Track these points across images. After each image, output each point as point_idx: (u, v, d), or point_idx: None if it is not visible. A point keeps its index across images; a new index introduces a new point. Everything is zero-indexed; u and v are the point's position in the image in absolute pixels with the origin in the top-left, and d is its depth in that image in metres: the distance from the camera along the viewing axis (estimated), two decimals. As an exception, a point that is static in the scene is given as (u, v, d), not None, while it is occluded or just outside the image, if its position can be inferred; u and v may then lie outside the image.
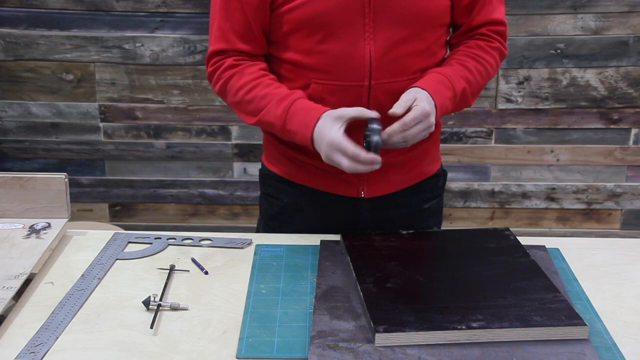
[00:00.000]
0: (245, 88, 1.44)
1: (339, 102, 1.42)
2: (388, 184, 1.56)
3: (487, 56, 1.50)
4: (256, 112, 1.43)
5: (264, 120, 1.43)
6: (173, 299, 1.25)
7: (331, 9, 1.38)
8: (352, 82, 1.43)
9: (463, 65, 1.47)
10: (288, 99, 1.40)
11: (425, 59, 1.47)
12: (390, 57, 1.42)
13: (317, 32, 1.41)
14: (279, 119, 1.39)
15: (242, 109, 1.46)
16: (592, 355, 1.09)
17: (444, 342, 1.11)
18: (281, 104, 1.40)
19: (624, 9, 2.77)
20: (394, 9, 1.39)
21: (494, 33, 1.52)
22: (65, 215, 1.47)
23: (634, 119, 2.91)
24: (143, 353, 1.11)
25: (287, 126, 1.39)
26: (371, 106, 1.44)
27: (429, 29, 1.45)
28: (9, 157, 2.99)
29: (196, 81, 2.87)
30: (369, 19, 1.39)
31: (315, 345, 1.10)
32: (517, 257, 1.35)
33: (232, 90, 1.46)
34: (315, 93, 1.44)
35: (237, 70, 1.45)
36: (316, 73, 1.44)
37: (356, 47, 1.41)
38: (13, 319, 1.19)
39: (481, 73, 1.49)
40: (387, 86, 1.44)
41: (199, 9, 2.79)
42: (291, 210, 1.61)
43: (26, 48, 2.83)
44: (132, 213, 3.07)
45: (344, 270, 1.33)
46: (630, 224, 3.06)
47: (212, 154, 2.98)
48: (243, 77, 1.44)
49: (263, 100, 1.42)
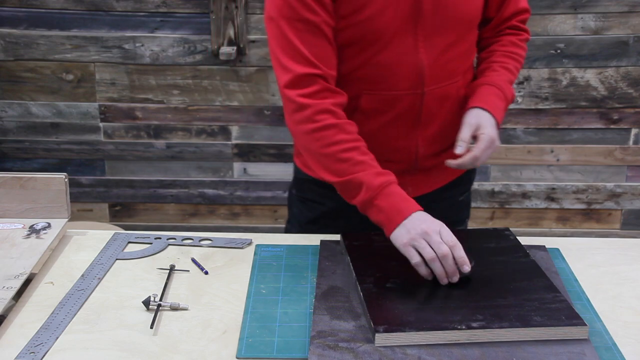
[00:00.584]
0: (344, 146, 1.36)
1: (391, 111, 1.46)
2: (433, 182, 1.60)
3: (520, 51, 1.57)
4: (344, 174, 1.36)
5: (350, 183, 1.36)
6: (173, 299, 1.25)
7: (388, 25, 1.38)
8: (405, 90, 1.44)
9: (505, 68, 1.53)
10: (387, 177, 1.35)
11: (467, 60, 1.52)
12: (440, 63, 1.45)
13: (371, 46, 1.40)
14: (371, 190, 1.33)
15: (327, 164, 1.38)
16: (592, 355, 1.09)
17: (444, 342, 1.11)
18: (379, 178, 1.34)
19: (624, 9, 2.76)
20: (442, 17, 1.41)
21: (522, 22, 1.58)
22: (65, 215, 1.47)
23: (634, 119, 2.91)
24: (143, 353, 1.11)
25: (376, 200, 1.33)
26: (423, 112, 1.47)
27: (470, 30, 1.50)
28: (9, 157, 2.99)
29: (196, 81, 2.87)
30: (420, 28, 1.41)
31: (315, 345, 1.10)
32: (517, 257, 1.35)
33: (324, 141, 1.36)
34: (367, 103, 1.45)
35: (338, 124, 1.37)
36: (368, 84, 1.44)
37: (409, 56, 1.42)
38: (13, 319, 1.19)
39: (518, 69, 1.57)
40: (438, 91, 1.47)
41: (199, 9, 2.79)
42: (333, 215, 1.59)
43: (26, 48, 2.83)
44: (132, 213, 3.07)
45: (344, 270, 1.33)
46: (630, 224, 3.06)
47: (212, 154, 2.98)
48: (342, 134, 1.36)
49: (359, 166, 1.35)
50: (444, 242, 1.24)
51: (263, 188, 3.02)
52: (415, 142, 1.51)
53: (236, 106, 2.90)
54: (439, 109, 1.48)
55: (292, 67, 1.36)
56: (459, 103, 1.51)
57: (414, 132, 1.50)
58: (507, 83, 1.51)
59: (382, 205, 1.32)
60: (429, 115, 1.48)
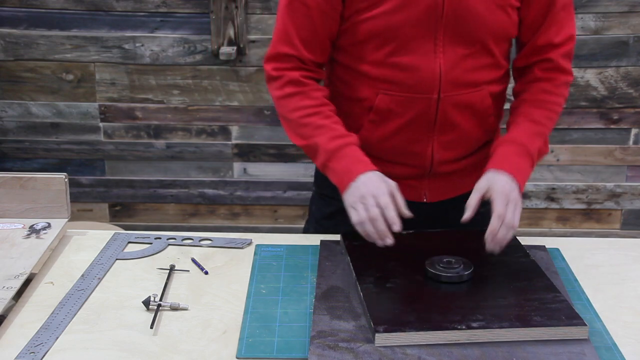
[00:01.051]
0: (305, 111, 1.44)
1: (406, 113, 1.45)
2: (450, 188, 1.57)
3: (554, 97, 1.49)
4: (306, 137, 1.44)
5: (311, 146, 1.44)
6: (173, 299, 1.25)
7: (406, 23, 1.39)
8: (421, 94, 1.44)
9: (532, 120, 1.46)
10: (343, 139, 1.41)
11: (492, 72, 1.48)
12: (459, 71, 1.43)
13: (389, 43, 1.41)
14: (326, 153, 1.41)
15: (293, 128, 1.47)
16: (592, 355, 1.09)
17: (444, 342, 1.11)
18: (334, 141, 1.41)
19: (624, 9, 2.76)
20: (465, 25, 1.40)
21: (562, 56, 1.48)
22: (65, 215, 1.47)
23: (634, 119, 2.91)
24: (143, 353, 1.11)
25: (330, 163, 1.41)
26: (439, 118, 1.46)
27: (496, 43, 1.45)
28: (9, 157, 2.99)
29: (196, 81, 2.87)
30: (441, 33, 1.40)
31: (315, 345, 1.10)
32: (517, 257, 1.35)
33: (289, 106, 1.46)
34: (383, 103, 1.46)
35: (302, 91, 1.45)
36: (385, 84, 1.45)
37: (427, 61, 1.42)
38: (13, 319, 1.19)
39: (552, 118, 1.48)
40: (455, 98, 1.45)
41: (199, 9, 2.79)
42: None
43: (26, 48, 2.83)
44: (132, 213, 3.07)
45: (344, 270, 1.33)
46: (630, 224, 3.06)
47: (212, 154, 2.98)
48: (305, 100, 1.45)
49: (318, 130, 1.42)
50: (377, 204, 1.31)
51: (263, 188, 3.02)
52: (430, 147, 1.49)
53: (236, 106, 2.90)
54: (458, 116, 1.46)
55: (276, 44, 1.47)
56: (483, 113, 1.49)
57: (429, 136, 1.48)
58: (531, 136, 1.44)
59: (335, 167, 1.40)
60: (445, 121, 1.46)
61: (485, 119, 1.50)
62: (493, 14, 1.41)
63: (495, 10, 1.40)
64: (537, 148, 1.44)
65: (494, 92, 1.50)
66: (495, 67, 1.48)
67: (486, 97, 1.48)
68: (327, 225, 1.62)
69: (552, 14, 1.45)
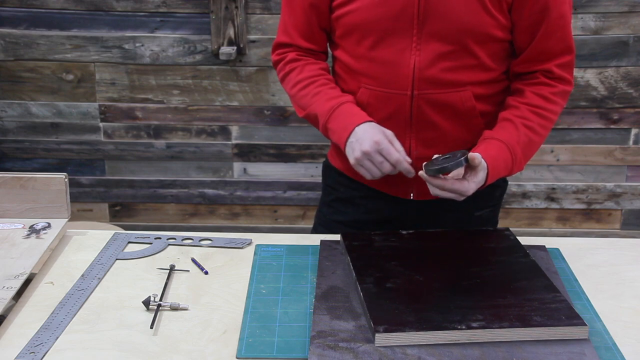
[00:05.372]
0: (302, 83, 1.53)
1: (384, 108, 1.48)
2: None
3: (550, 105, 1.48)
4: (306, 107, 1.52)
5: (311, 113, 1.51)
6: (173, 299, 1.25)
7: (383, 17, 1.42)
8: (396, 90, 1.46)
9: (527, 126, 1.46)
10: (337, 99, 1.48)
11: (478, 74, 1.46)
12: (436, 69, 1.43)
13: (367, 38, 1.45)
14: (323, 115, 1.47)
15: (296, 101, 1.56)
16: (592, 355, 1.09)
17: (444, 342, 1.11)
18: (329, 103, 1.48)
19: (624, 9, 2.76)
20: (439, 23, 1.40)
21: (561, 67, 1.48)
22: (65, 215, 1.47)
23: (634, 119, 2.91)
24: (143, 353, 1.11)
25: (328, 124, 1.47)
26: (414, 115, 1.47)
27: (478, 44, 1.43)
28: (9, 157, 2.99)
29: (196, 81, 2.87)
30: (416, 30, 1.42)
31: (315, 345, 1.10)
32: (517, 257, 1.35)
33: (290, 82, 1.56)
34: (364, 97, 1.50)
35: (298, 65, 1.55)
36: (366, 78, 1.49)
37: (402, 57, 1.44)
38: (13, 319, 1.19)
39: (545, 126, 1.48)
40: (431, 97, 1.46)
41: (199, 9, 2.79)
42: (344, 201, 1.68)
43: (26, 48, 2.83)
44: (132, 213, 3.07)
45: (344, 270, 1.33)
46: (630, 224, 3.06)
47: (212, 154, 2.98)
48: (302, 73, 1.54)
49: (315, 97, 1.50)
50: (386, 160, 1.38)
51: (263, 188, 3.02)
52: (408, 144, 1.50)
53: (236, 106, 2.90)
54: (435, 115, 1.46)
55: (278, 34, 1.59)
56: (466, 114, 1.48)
57: (406, 133, 1.49)
58: (516, 144, 1.44)
59: (333, 126, 1.47)
60: (421, 119, 1.47)
61: (469, 120, 1.49)
62: (473, 14, 1.39)
63: (477, 10, 1.39)
64: (519, 153, 1.44)
65: (481, 94, 1.48)
66: (481, 69, 1.46)
67: (469, 99, 1.46)
68: (324, 212, 1.72)
69: (548, 22, 1.43)
